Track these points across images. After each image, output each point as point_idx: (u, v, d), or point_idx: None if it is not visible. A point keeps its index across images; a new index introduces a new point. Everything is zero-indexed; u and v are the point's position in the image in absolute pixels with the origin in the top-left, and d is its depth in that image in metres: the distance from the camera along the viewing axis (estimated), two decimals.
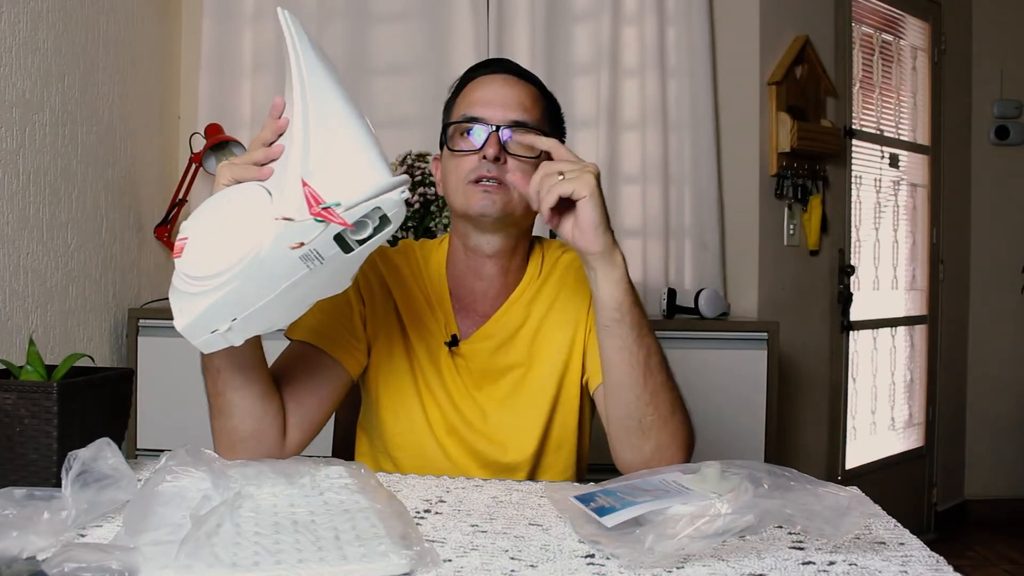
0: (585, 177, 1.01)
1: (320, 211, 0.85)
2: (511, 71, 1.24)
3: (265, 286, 0.89)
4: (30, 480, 0.96)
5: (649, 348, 1.06)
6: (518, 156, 1.17)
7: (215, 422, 1.07)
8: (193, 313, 0.89)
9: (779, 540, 0.84)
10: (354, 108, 0.93)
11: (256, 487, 0.92)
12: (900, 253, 3.47)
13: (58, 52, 2.00)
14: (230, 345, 0.93)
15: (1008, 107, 3.69)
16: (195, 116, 2.53)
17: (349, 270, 0.93)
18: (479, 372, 1.23)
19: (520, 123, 1.18)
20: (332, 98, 0.92)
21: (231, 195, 0.94)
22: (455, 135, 1.20)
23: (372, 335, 1.23)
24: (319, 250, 0.87)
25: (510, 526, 0.89)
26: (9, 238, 1.85)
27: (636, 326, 1.05)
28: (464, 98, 1.22)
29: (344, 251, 0.88)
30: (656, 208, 2.55)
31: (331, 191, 0.86)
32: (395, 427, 1.24)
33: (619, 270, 1.04)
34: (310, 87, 0.91)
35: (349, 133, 0.91)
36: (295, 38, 0.94)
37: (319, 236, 0.86)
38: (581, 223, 1.02)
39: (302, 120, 0.90)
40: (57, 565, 0.66)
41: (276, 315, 0.93)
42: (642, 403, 1.06)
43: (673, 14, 2.57)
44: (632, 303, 1.05)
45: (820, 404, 2.96)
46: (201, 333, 0.91)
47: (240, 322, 0.90)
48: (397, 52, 2.56)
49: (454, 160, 1.19)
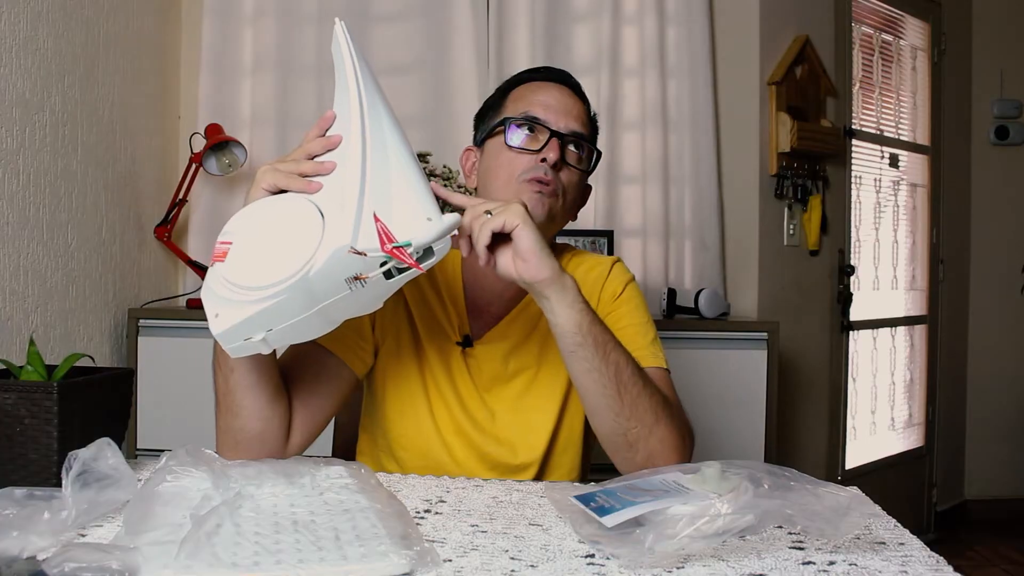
0: (512, 207, 1.00)
1: (392, 249, 0.86)
2: (569, 83, 1.26)
3: (306, 303, 0.89)
4: (30, 480, 0.96)
5: (617, 363, 1.04)
6: (572, 167, 1.20)
7: (221, 420, 1.07)
8: (232, 320, 0.89)
9: (779, 540, 0.84)
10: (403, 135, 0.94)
11: (256, 487, 0.92)
12: (900, 253, 3.47)
13: (58, 52, 2.00)
14: (258, 352, 0.93)
15: (1008, 107, 3.69)
16: (195, 116, 2.53)
17: (385, 294, 0.94)
18: (490, 374, 1.23)
19: (579, 135, 1.21)
20: (388, 125, 0.93)
21: (280, 206, 0.93)
22: (513, 131, 1.20)
23: (381, 336, 1.23)
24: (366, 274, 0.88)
25: (510, 526, 0.89)
26: (9, 238, 1.85)
27: (600, 345, 1.03)
28: (522, 98, 1.23)
29: (386, 277, 0.89)
30: (656, 208, 2.55)
31: (402, 230, 0.87)
32: (400, 426, 1.23)
33: (571, 292, 1.02)
34: (369, 111, 0.91)
35: (407, 167, 0.92)
36: (352, 54, 0.93)
37: (378, 269, 0.87)
38: (522, 252, 1.00)
39: (360, 146, 0.90)
40: (57, 565, 0.66)
41: (309, 329, 0.93)
42: (623, 419, 1.05)
43: (673, 14, 2.57)
44: (591, 322, 1.03)
45: (820, 404, 2.96)
46: (235, 340, 0.91)
47: (275, 334, 0.91)
48: (397, 52, 2.56)
49: (507, 156, 1.19)
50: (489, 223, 0.99)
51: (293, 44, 2.53)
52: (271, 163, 0.97)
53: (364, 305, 0.94)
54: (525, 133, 1.19)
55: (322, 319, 0.92)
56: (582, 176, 1.23)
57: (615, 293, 1.25)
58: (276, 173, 0.95)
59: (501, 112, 1.24)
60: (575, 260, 1.30)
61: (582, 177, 1.23)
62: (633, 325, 1.22)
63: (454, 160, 2.48)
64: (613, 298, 1.25)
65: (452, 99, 2.53)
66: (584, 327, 1.02)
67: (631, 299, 1.26)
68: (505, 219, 0.99)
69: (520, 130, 1.19)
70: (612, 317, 1.22)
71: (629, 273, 1.30)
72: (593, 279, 1.26)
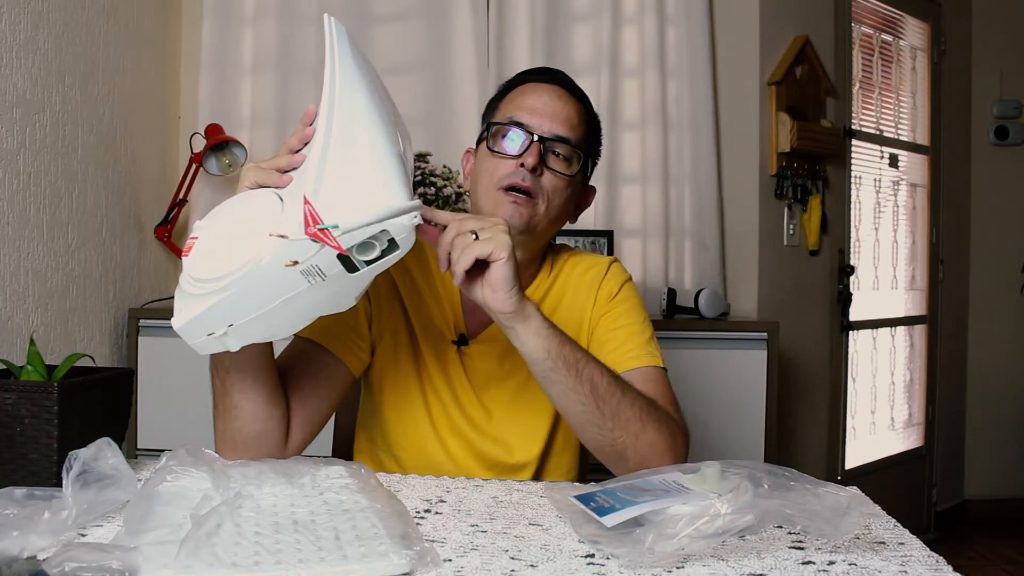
0: (500, 237, 0.97)
1: (315, 232, 0.83)
2: (563, 84, 1.23)
3: (264, 296, 0.88)
4: (30, 480, 0.96)
5: (592, 380, 1.03)
6: (555, 171, 1.18)
7: (219, 422, 1.07)
8: (191, 314, 0.89)
9: (779, 540, 0.84)
10: (386, 126, 0.90)
11: (256, 487, 0.92)
12: (900, 253, 3.47)
13: (58, 52, 2.00)
14: (226, 350, 0.92)
15: (1008, 107, 3.69)
16: (195, 116, 2.53)
17: (354, 289, 0.92)
18: (486, 372, 1.23)
19: (563, 139, 1.18)
20: (361, 113, 0.89)
21: (247, 200, 0.93)
22: (496, 136, 1.19)
23: (377, 334, 1.23)
24: (321, 267, 0.86)
25: (510, 526, 0.89)
26: (9, 238, 1.85)
27: (571, 365, 1.02)
28: (512, 101, 1.22)
29: (348, 270, 0.87)
30: (656, 208, 2.55)
31: (332, 212, 0.84)
32: (398, 426, 1.24)
33: (536, 319, 1.01)
34: (340, 100, 0.89)
35: (371, 152, 0.88)
36: (335, 47, 0.91)
37: (316, 255, 0.85)
38: (493, 283, 0.98)
39: (324, 134, 0.88)
40: (57, 565, 0.66)
41: (276, 325, 0.92)
42: (606, 431, 1.04)
43: (673, 14, 2.57)
44: (559, 344, 1.02)
45: (820, 404, 2.96)
46: (197, 335, 0.90)
47: (237, 328, 0.90)
48: (397, 52, 2.56)
49: (490, 161, 1.18)
50: (474, 248, 0.96)
51: (293, 44, 2.53)
52: (255, 162, 0.97)
53: (333, 301, 0.92)
54: (508, 138, 1.18)
55: (288, 314, 0.91)
56: (569, 181, 1.19)
57: (611, 293, 1.25)
58: (257, 170, 0.95)
59: (496, 114, 1.23)
60: (572, 260, 1.30)
61: (569, 182, 1.20)
62: (629, 324, 1.22)
63: (454, 160, 2.48)
64: (609, 298, 1.25)
65: (452, 99, 2.53)
66: (552, 352, 1.01)
67: (627, 299, 1.25)
68: (492, 249, 0.96)
69: (502, 135, 1.18)
70: (609, 317, 1.23)
71: (626, 273, 1.30)
72: (590, 279, 1.26)
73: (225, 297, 0.87)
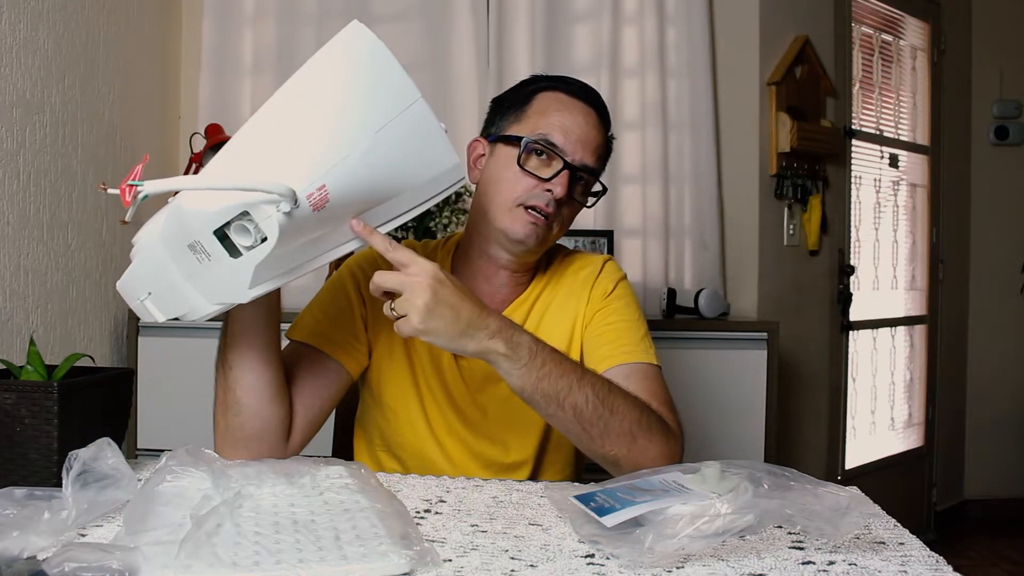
0: (415, 303, 0.94)
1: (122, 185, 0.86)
2: (596, 106, 1.24)
3: (165, 266, 0.92)
4: (30, 480, 0.96)
5: (575, 406, 1.02)
6: (575, 200, 1.20)
7: (221, 418, 1.07)
8: (125, 276, 0.95)
9: (779, 540, 0.84)
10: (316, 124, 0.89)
11: (256, 487, 0.92)
12: (900, 253, 3.47)
13: (58, 52, 2.00)
14: (154, 319, 0.96)
15: (1008, 107, 3.69)
16: (195, 116, 2.53)
17: (243, 278, 0.89)
18: (481, 373, 1.23)
19: (591, 169, 1.20)
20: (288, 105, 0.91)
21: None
22: (529, 153, 1.18)
23: (373, 336, 1.23)
24: (203, 243, 0.88)
25: (510, 526, 0.89)
26: (9, 238, 1.85)
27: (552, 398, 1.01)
28: (544, 113, 1.20)
29: (231, 254, 0.88)
30: (656, 208, 2.55)
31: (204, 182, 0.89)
32: (395, 427, 1.24)
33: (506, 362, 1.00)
34: (278, 93, 0.92)
35: (262, 139, 0.90)
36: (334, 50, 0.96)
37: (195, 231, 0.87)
38: (438, 345, 0.99)
39: (252, 120, 0.93)
40: (57, 565, 0.66)
41: (191, 303, 0.93)
42: (597, 446, 1.05)
43: (673, 14, 2.57)
44: (536, 380, 1.00)
45: (820, 404, 2.96)
46: (131, 298, 0.96)
47: (156, 297, 0.94)
48: (397, 52, 2.51)
49: (515, 172, 1.17)
50: (391, 318, 0.97)
51: (293, 44, 2.52)
52: None
53: (228, 288, 0.91)
54: (540, 159, 1.18)
55: (194, 294, 0.92)
56: (582, 205, 1.23)
57: (606, 291, 1.25)
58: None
59: (523, 116, 1.21)
60: (566, 259, 1.30)
61: (582, 206, 1.23)
62: (624, 321, 1.22)
63: None
64: (604, 295, 1.25)
65: (452, 99, 2.53)
66: (527, 389, 1.01)
67: (622, 296, 1.26)
68: (400, 328, 0.96)
69: (536, 152, 1.18)
70: (603, 313, 1.23)
71: (621, 271, 1.30)
72: (583, 277, 1.27)
73: (139, 261, 0.94)
